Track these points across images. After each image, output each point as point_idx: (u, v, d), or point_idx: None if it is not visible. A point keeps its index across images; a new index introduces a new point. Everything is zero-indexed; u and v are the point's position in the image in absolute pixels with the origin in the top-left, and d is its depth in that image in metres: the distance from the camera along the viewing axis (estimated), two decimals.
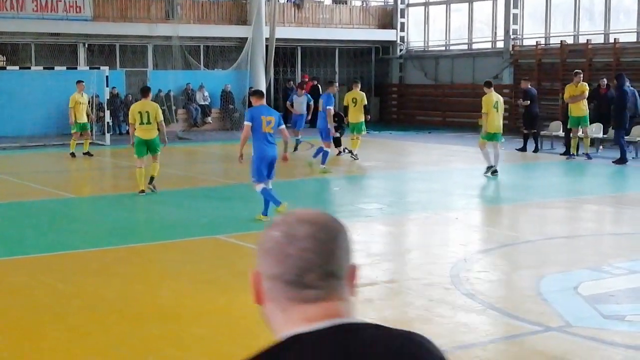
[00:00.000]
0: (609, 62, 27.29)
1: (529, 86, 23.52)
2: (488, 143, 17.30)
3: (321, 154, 18.04)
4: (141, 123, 14.52)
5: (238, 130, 29.75)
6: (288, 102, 22.74)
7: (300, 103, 22.25)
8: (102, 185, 17.73)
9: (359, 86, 21.13)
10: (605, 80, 22.88)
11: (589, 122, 20.81)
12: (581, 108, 20.59)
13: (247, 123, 11.86)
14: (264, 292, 1.81)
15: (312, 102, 22.41)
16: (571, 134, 21.01)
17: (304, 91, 22.60)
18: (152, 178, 14.87)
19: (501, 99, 18.01)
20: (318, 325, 1.75)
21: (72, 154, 21.08)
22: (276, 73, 34.77)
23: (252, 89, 13.30)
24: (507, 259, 10.16)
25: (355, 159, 20.11)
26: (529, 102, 22.84)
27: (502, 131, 17.65)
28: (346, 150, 20.77)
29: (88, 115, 21.82)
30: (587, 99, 20.82)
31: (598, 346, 6.67)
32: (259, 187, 12.05)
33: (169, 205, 14.35)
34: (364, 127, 20.51)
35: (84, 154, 21.24)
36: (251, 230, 11.72)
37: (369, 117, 21.98)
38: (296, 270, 1.76)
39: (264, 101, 12.42)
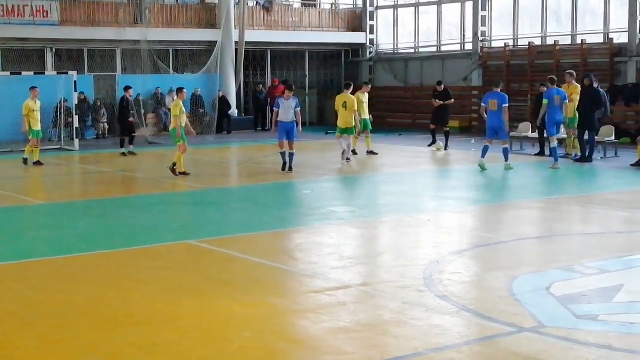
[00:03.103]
0: (577, 63, 27.53)
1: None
2: (344, 136, 20.71)
3: (502, 152, 18.95)
4: None
5: (209, 134, 29.72)
6: (275, 109, 18.80)
7: (287, 107, 18.57)
8: (72, 191, 17.56)
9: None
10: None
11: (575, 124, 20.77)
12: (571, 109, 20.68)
13: None
14: None
15: (299, 108, 18.90)
16: (566, 135, 21.42)
17: (292, 93, 18.84)
18: (173, 164, 17.97)
19: (351, 99, 20.74)
20: None
21: (25, 160, 20.81)
22: (246, 76, 34.73)
23: None
24: (480, 260, 10.18)
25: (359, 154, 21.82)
26: (452, 100, 24.79)
27: (352, 127, 20.68)
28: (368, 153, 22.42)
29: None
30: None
31: (571, 346, 6.69)
32: None
33: (139, 210, 14.26)
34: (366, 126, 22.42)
35: (35, 163, 20.69)
36: (223, 235, 11.68)
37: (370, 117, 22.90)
38: None
39: None
